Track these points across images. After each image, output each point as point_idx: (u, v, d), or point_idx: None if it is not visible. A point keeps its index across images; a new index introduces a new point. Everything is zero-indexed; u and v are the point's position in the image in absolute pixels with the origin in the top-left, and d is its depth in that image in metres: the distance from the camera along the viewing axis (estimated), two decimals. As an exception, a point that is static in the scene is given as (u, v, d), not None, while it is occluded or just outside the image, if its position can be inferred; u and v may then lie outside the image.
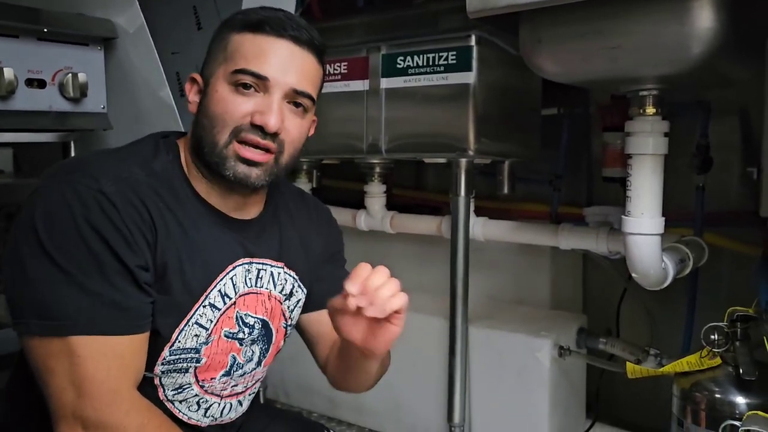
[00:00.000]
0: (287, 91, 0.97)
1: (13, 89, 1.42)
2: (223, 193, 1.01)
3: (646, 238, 1.29)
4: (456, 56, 1.55)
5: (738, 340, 1.25)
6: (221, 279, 1.01)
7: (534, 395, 1.64)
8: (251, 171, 0.97)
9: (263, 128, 0.95)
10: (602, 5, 1.11)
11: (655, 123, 1.26)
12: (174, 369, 0.99)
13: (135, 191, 0.91)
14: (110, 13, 1.61)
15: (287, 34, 0.96)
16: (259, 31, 0.96)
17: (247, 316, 1.05)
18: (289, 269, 1.12)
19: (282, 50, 0.96)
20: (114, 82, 1.64)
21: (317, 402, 2.03)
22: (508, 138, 1.69)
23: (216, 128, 0.96)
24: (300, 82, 0.97)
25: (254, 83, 0.95)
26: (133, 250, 0.89)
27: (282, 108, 0.97)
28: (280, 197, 1.13)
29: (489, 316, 1.79)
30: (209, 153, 0.97)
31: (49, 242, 0.86)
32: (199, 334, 0.99)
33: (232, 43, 0.97)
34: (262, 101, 0.95)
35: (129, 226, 0.89)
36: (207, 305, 0.99)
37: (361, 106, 1.70)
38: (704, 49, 1.07)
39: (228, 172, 0.96)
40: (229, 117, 0.95)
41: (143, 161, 0.97)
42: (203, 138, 0.97)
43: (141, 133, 1.07)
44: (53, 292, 0.86)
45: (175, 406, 1.03)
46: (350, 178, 2.01)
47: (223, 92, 0.96)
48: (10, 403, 1.07)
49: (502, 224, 1.72)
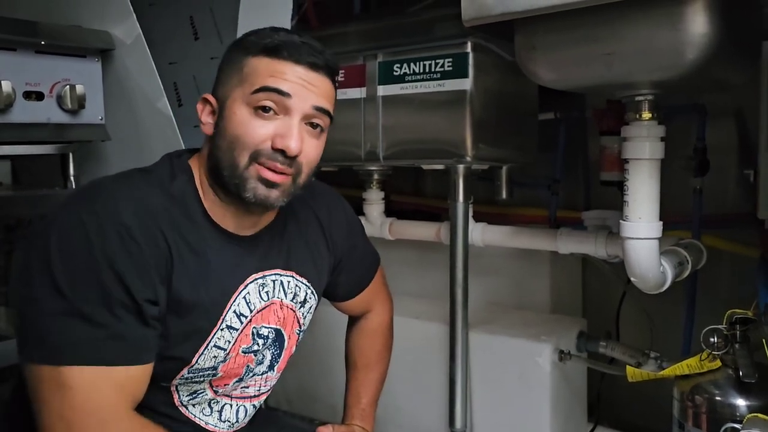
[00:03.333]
0: (307, 111, 0.97)
1: (11, 102, 1.43)
2: (237, 214, 1.02)
3: (644, 242, 1.29)
4: (452, 63, 1.56)
5: (737, 343, 1.24)
6: (235, 299, 1.01)
7: (535, 400, 1.64)
8: (270, 192, 0.97)
9: (284, 152, 0.95)
10: (596, 12, 1.11)
11: (651, 128, 1.26)
12: (191, 382, 1.01)
13: (154, 219, 0.92)
14: (107, 25, 1.62)
15: (304, 60, 0.97)
16: (277, 56, 0.96)
17: (261, 328, 1.06)
18: (301, 277, 1.12)
19: (300, 75, 0.97)
20: (112, 93, 1.64)
21: (319, 409, 2.02)
22: (506, 143, 1.69)
23: (236, 151, 0.95)
24: (319, 99, 0.98)
25: (275, 105, 0.95)
26: (145, 284, 0.89)
27: (301, 131, 0.97)
28: (288, 207, 1.14)
29: (489, 322, 1.79)
30: (229, 176, 0.96)
31: (61, 274, 0.86)
32: (218, 355, 1.00)
33: (249, 66, 0.97)
34: (282, 124, 0.95)
35: (146, 258, 0.90)
36: (224, 328, 1.00)
37: (359, 113, 1.70)
38: (699, 54, 1.08)
39: (248, 194, 0.96)
40: (250, 139, 0.95)
41: (161, 184, 0.97)
42: (221, 160, 0.97)
43: (139, 144, 1.08)
44: (56, 321, 0.86)
45: (189, 411, 1.04)
46: (348, 185, 2.02)
47: (242, 115, 0.96)
48: (12, 416, 1.07)
49: (501, 229, 1.72)
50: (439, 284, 1.76)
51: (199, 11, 1.89)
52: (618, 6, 1.09)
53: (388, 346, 1.36)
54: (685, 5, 1.06)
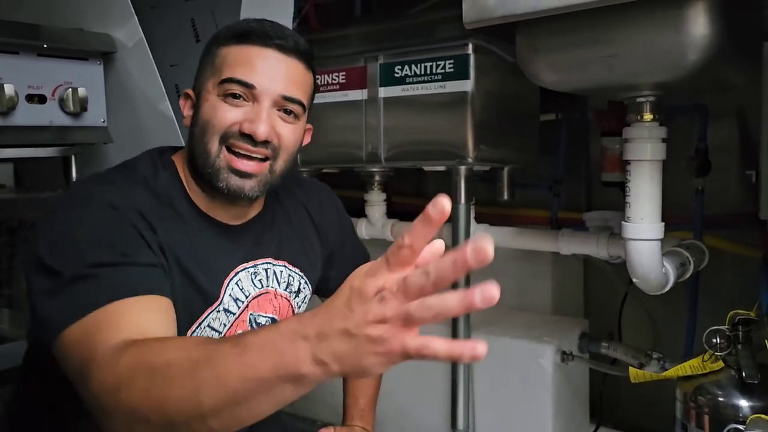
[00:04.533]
0: (276, 99, 0.97)
1: (13, 105, 1.43)
2: (223, 205, 1.02)
3: (645, 243, 1.29)
4: (453, 64, 1.56)
5: (740, 344, 1.25)
6: (228, 284, 1.02)
7: (537, 401, 1.64)
8: (245, 183, 0.97)
9: (252, 137, 0.95)
10: (598, 14, 1.11)
11: (652, 129, 1.27)
12: None
13: (139, 212, 0.92)
14: (109, 28, 1.62)
15: (272, 43, 0.97)
16: (245, 41, 0.97)
17: (259, 317, 1.06)
18: (294, 266, 1.13)
19: (268, 59, 0.97)
20: (114, 95, 1.65)
21: (321, 411, 2.02)
22: (507, 144, 1.69)
23: (206, 136, 0.96)
24: (288, 88, 0.98)
25: (243, 93, 0.96)
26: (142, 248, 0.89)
27: (271, 116, 0.97)
28: (275, 197, 1.14)
29: (491, 323, 1.79)
30: (202, 164, 0.97)
31: (55, 250, 0.85)
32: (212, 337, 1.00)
33: (220, 56, 0.98)
34: (251, 110, 0.96)
35: (139, 231, 0.90)
36: (221, 310, 1.00)
37: (360, 115, 1.70)
38: (700, 55, 1.08)
39: (221, 184, 0.97)
40: (218, 122, 0.96)
41: (144, 181, 0.97)
42: (195, 148, 0.98)
43: (141, 146, 1.08)
44: (74, 283, 0.83)
45: None
46: (350, 186, 2.02)
47: (213, 101, 0.97)
48: (14, 417, 1.08)
49: (503, 230, 1.72)
50: (441, 285, 1.76)
51: (201, 13, 1.89)
52: (619, 8, 1.09)
53: None
54: (686, 7, 1.07)
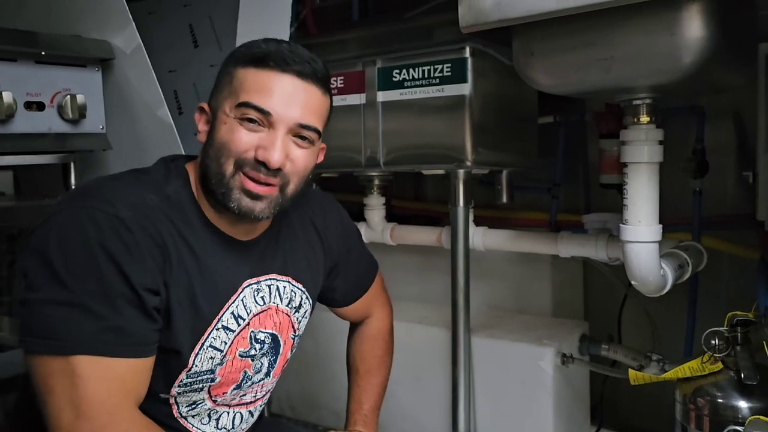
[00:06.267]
0: (291, 126, 0.98)
1: (12, 112, 1.43)
2: (232, 221, 1.03)
3: (644, 245, 1.29)
4: (451, 68, 1.56)
5: (739, 345, 1.25)
6: (233, 301, 1.02)
7: (538, 403, 1.64)
8: (255, 204, 0.98)
9: (266, 164, 0.96)
10: (593, 18, 1.12)
11: (649, 131, 1.27)
12: (190, 389, 1.01)
13: (149, 217, 0.93)
14: (107, 34, 1.62)
15: (290, 69, 0.97)
16: (263, 65, 0.97)
17: (258, 333, 1.07)
18: (297, 282, 1.13)
19: (285, 85, 0.97)
20: (112, 102, 1.65)
21: (323, 415, 2.03)
22: (506, 147, 1.70)
23: (221, 158, 0.97)
24: (304, 116, 0.98)
25: (258, 119, 0.96)
26: (144, 273, 0.90)
27: (286, 142, 0.97)
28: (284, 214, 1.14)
29: (491, 326, 1.80)
30: (216, 184, 0.98)
31: (60, 265, 0.87)
32: (215, 357, 1.01)
33: (237, 77, 0.98)
34: (266, 137, 0.96)
35: (143, 250, 0.90)
36: (220, 328, 1.00)
37: (359, 119, 1.71)
38: (696, 58, 1.08)
39: (233, 204, 0.97)
40: (234, 147, 0.96)
41: (156, 186, 0.98)
42: (210, 168, 0.99)
43: (140, 152, 1.08)
44: (59, 313, 0.86)
45: (188, 421, 1.05)
46: (349, 190, 2.02)
47: (230, 124, 0.97)
48: (17, 425, 1.08)
49: (502, 233, 1.72)
50: (441, 289, 1.76)
51: (199, 19, 1.90)
52: (614, 11, 1.09)
53: (388, 351, 1.36)
54: (681, 10, 1.07)
